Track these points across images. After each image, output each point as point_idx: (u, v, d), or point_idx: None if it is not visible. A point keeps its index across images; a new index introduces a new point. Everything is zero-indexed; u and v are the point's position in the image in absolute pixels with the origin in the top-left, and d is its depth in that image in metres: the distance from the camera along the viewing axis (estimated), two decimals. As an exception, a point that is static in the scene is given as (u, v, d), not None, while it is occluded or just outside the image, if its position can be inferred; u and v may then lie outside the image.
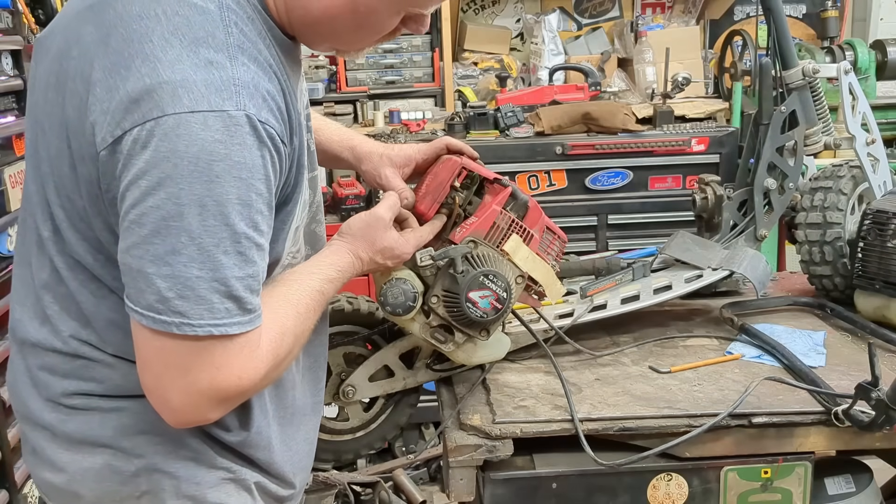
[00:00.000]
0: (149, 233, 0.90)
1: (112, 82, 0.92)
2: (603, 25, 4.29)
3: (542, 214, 1.43)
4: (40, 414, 1.09)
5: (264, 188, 0.95)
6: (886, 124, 3.40)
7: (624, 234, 3.26)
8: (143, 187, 0.90)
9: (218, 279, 0.92)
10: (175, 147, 0.88)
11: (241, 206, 0.92)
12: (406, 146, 1.43)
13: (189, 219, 0.89)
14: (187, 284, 0.90)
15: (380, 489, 2.60)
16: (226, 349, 0.94)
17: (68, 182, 1.00)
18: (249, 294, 0.95)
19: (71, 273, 1.04)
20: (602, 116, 3.16)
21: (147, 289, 0.91)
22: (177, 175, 0.89)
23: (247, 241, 0.93)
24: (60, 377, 1.07)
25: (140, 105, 0.90)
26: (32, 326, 1.08)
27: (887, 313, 1.68)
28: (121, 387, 1.06)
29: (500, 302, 1.33)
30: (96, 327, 1.04)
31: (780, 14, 1.75)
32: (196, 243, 0.90)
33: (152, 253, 0.90)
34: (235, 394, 0.98)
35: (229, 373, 0.96)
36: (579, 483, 1.37)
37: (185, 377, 0.94)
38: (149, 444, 1.06)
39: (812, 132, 1.80)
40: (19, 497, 2.22)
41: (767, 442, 1.38)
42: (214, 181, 0.90)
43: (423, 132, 3.31)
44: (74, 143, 0.97)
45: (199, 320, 0.92)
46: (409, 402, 1.67)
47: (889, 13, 4.15)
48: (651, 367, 1.55)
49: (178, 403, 0.96)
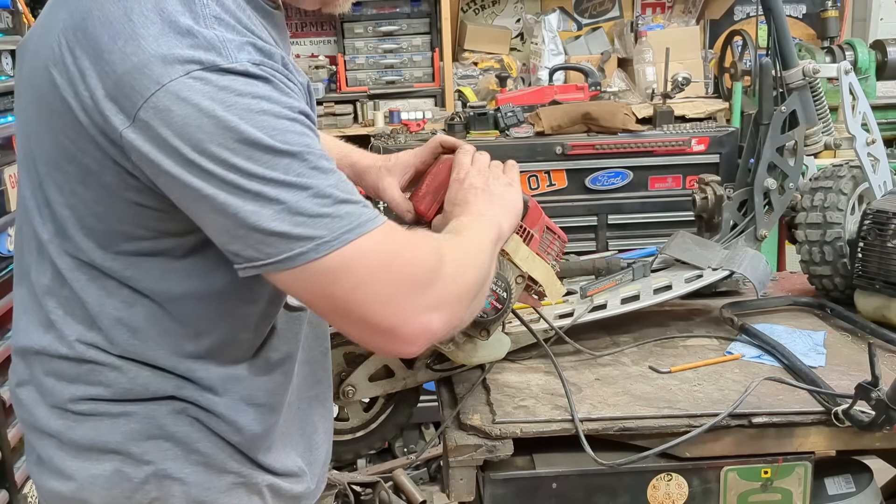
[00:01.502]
0: (222, 200, 0.88)
1: (101, 68, 0.89)
2: (603, 25, 4.29)
3: (542, 214, 1.43)
4: (47, 421, 1.07)
5: (291, 111, 0.92)
6: (886, 124, 3.40)
7: (624, 234, 3.25)
8: (182, 162, 0.88)
9: (315, 195, 0.89)
10: (186, 113, 0.86)
11: (279, 131, 0.89)
12: (403, 154, 1.43)
13: (245, 166, 0.87)
14: (293, 213, 0.88)
15: (380, 489, 2.60)
16: (377, 244, 0.92)
17: (71, 178, 0.98)
18: (355, 195, 0.93)
19: (75, 273, 1.02)
20: (602, 116, 3.16)
21: (263, 238, 0.89)
22: (204, 136, 0.87)
23: (310, 155, 0.90)
24: (67, 383, 1.05)
25: (135, 84, 0.87)
26: (36, 334, 1.06)
27: (887, 313, 1.68)
28: (129, 391, 1.04)
29: (500, 302, 1.33)
30: (102, 327, 1.02)
31: (780, 14, 1.75)
32: (268, 182, 0.87)
33: (240, 208, 0.87)
34: (426, 274, 0.95)
35: (403, 261, 0.93)
36: (579, 483, 1.37)
37: (367, 292, 0.91)
38: (158, 449, 1.04)
39: (812, 132, 1.80)
40: (19, 497, 2.23)
41: (767, 442, 1.38)
42: (244, 121, 0.87)
43: (423, 132, 3.30)
44: (73, 136, 0.94)
45: (330, 232, 0.89)
46: (409, 402, 1.67)
47: (889, 13, 4.14)
48: (651, 367, 1.55)
49: (389, 321, 0.92)
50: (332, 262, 0.90)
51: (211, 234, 0.93)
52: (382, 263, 0.92)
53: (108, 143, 0.91)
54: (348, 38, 4.04)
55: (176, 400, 1.04)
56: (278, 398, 1.13)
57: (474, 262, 1.06)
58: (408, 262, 0.95)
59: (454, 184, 1.26)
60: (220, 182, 0.88)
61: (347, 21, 4.02)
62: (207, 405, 1.05)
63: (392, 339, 0.95)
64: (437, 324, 0.95)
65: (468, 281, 1.03)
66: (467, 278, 1.02)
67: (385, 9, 4.04)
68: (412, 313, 0.94)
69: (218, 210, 0.89)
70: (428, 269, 0.96)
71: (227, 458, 1.08)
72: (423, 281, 0.95)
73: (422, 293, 0.95)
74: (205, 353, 1.04)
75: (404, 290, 0.93)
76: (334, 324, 0.96)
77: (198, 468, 1.06)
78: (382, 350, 0.96)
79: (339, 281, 0.91)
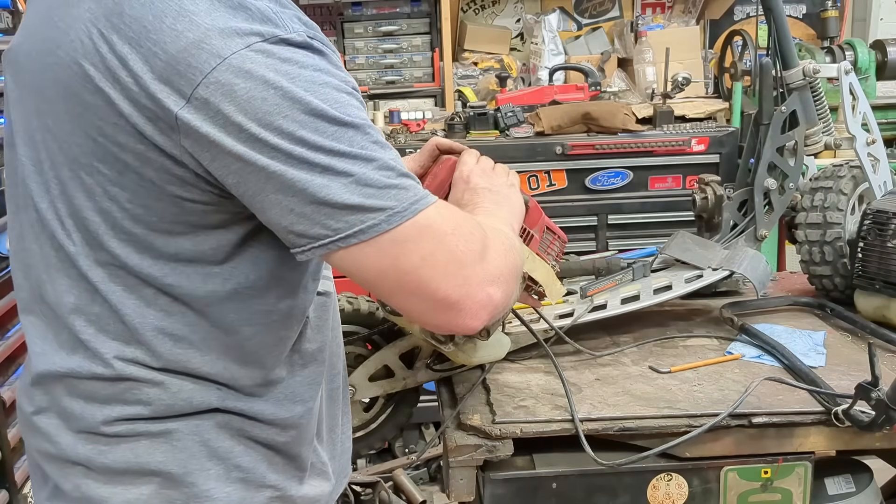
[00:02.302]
0: (291, 177, 0.86)
1: (147, 49, 0.85)
2: (603, 25, 4.28)
3: (542, 214, 1.43)
4: (72, 449, 1.00)
5: (347, 84, 0.91)
6: (886, 124, 3.39)
7: (624, 234, 3.25)
8: (247, 139, 0.85)
9: (380, 167, 0.88)
10: (251, 86, 0.84)
11: (341, 104, 0.88)
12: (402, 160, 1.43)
13: (312, 139, 0.85)
14: (362, 185, 0.87)
15: (380, 489, 2.60)
16: (441, 215, 0.92)
17: (105, 179, 0.92)
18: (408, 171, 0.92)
19: (110, 285, 0.96)
20: (602, 116, 3.16)
21: (333, 213, 0.87)
22: (271, 110, 0.84)
23: (370, 129, 0.90)
24: (99, 404, 0.99)
25: (192, 61, 0.84)
26: (59, 357, 1.00)
27: (887, 313, 1.68)
28: (170, 406, 0.99)
29: (500, 302, 1.33)
30: (143, 340, 0.97)
31: (780, 14, 1.75)
32: (336, 154, 0.86)
33: (309, 182, 0.86)
34: (483, 246, 0.94)
35: (464, 232, 0.93)
36: (579, 483, 1.37)
37: (434, 265, 0.90)
38: (201, 469, 1.00)
39: (812, 132, 1.80)
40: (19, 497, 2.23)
41: (767, 442, 1.38)
42: (309, 93, 0.85)
43: (423, 132, 3.30)
44: (109, 131, 0.89)
45: (399, 202, 0.88)
46: (409, 402, 1.67)
47: (889, 13, 4.14)
48: (651, 367, 1.55)
49: (456, 294, 0.90)
50: (404, 232, 0.88)
51: (273, 218, 0.90)
52: (448, 234, 0.91)
53: (156, 130, 0.87)
54: (348, 38, 4.03)
55: (220, 412, 1.01)
56: (315, 390, 1.11)
57: (515, 247, 1.05)
58: (468, 234, 0.94)
59: (459, 182, 1.26)
60: (287, 157, 0.85)
61: (347, 21, 4.03)
62: (252, 412, 1.03)
63: (458, 314, 0.92)
64: (498, 296, 0.94)
65: (514, 259, 1.01)
66: (514, 257, 1.01)
67: (385, 9, 4.04)
68: (477, 285, 0.92)
69: (285, 187, 0.86)
70: (483, 241, 0.95)
71: (266, 470, 1.05)
72: (481, 252, 0.94)
73: (483, 265, 0.93)
74: (248, 355, 1.01)
75: (469, 260, 0.92)
76: (398, 302, 0.94)
77: (237, 486, 1.03)
78: (446, 326, 0.93)
79: (409, 253, 0.89)
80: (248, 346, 1.01)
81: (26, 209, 1.01)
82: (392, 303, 0.95)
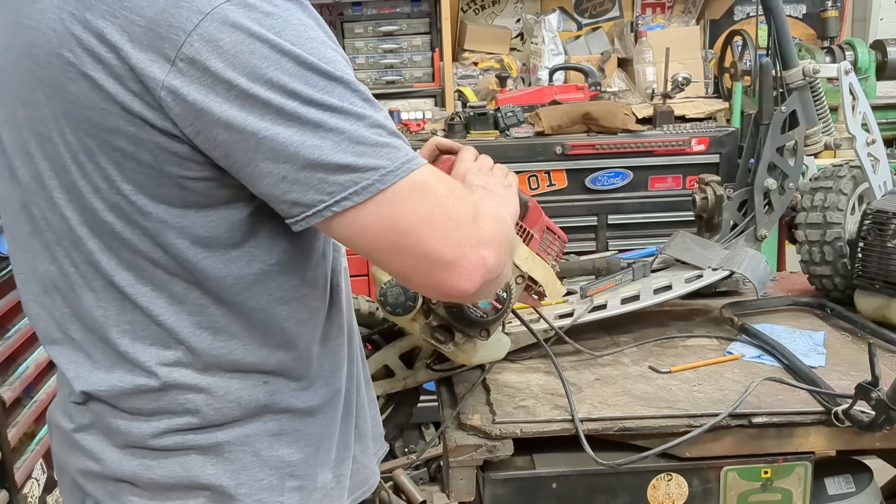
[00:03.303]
0: (283, 140, 0.83)
1: (123, 18, 0.82)
2: (603, 25, 4.28)
3: (542, 214, 1.43)
4: (118, 465, 0.98)
5: (333, 42, 0.89)
6: (886, 124, 3.39)
7: (624, 234, 3.25)
8: (236, 98, 0.82)
9: (372, 125, 0.86)
10: (238, 39, 0.81)
11: (330, 60, 0.86)
12: None
13: (303, 91, 0.83)
14: (354, 142, 0.84)
15: (380, 489, 2.60)
16: (434, 175, 0.90)
17: (109, 173, 0.89)
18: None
19: (138, 287, 0.93)
20: (602, 116, 3.16)
21: (327, 176, 0.84)
22: (260, 62, 0.82)
23: (359, 86, 0.88)
24: (146, 418, 0.96)
25: (172, 21, 0.81)
26: (96, 377, 0.97)
27: (887, 313, 1.68)
28: (219, 411, 0.97)
29: (499, 302, 1.33)
30: (182, 338, 0.95)
31: (780, 14, 1.75)
32: (327, 109, 0.84)
33: (301, 144, 0.83)
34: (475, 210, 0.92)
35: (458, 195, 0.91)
36: (579, 483, 1.37)
37: (432, 225, 0.88)
38: (253, 480, 0.98)
39: (812, 132, 1.80)
40: (19, 497, 2.22)
41: (767, 442, 1.38)
42: (296, 46, 0.83)
43: (423, 132, 3.30)
44: (100, 118, 0.86)
45: (392, 161, 0.86)
46: (409, 402, 1.67)
47: (889, 13, 4.14)
48: (651, 367, 1.55)
49: (452, 254, 0.89)
50: (399, 191, 0.86)
51: (264, 189, 0.87)
52: (444, 196, 0.90)
53: (144, 105, 0.84)
54: (348, 38, 4.03)
55: (269, 414, 0.99)
56: (353, 362, 1.10)
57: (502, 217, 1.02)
58: (462, 197, 0.93)
59: (455, 179, 1.26)
60: (278, 113, 0.82)
61: (347, 21, 4.02)
62: (299, 403, 1.01)
63: (453, 274, 0.90)
64: (491, 259, 0.92)
65: (506, 230, 0.99)
66: (505, 227, 0.99)
67: (385, 9, 4.04)
68: (471, 247, 0.90)
69: (276, 153, 0.84)
70: (475, 207, 0.94)
71: (315, 465, 1.03)
72: (474, 216, 0.92)
73: (476, 227, 0.92)
74: (287, 334, 0.99)
75: (464, 222, 0.91)
76: (394, 264, 0.91)
77: (293, 494, 1.01)
78: (441, 287, 0.91)
79: (407, 214, 0.87)
80: (286, 325, 0.99)
81: (36, 234, 0.97)
82: (387, 266, 0.93)
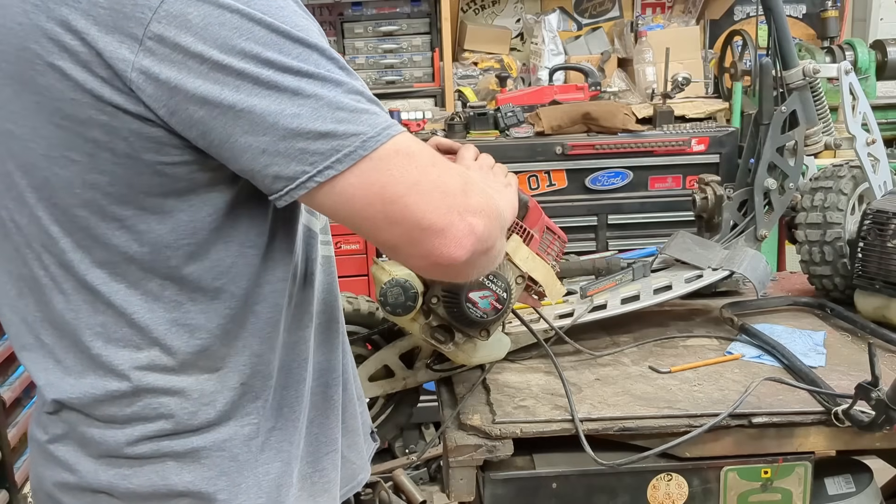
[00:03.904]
0: (260, 111, 0.82)
1: (86, 3, 0.81)
2: (603, 25, 4.28)
3: (542, 214, 1.43)
4: (94, 476, 0.96)
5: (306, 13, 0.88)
6: (886, 124, 3.40)
7: (624, 234, 3.26)
8: (209, 71, 0.80)
9: (350, 91, 0.85)
10: (206, 11, 0.80)
11: (302, 27, 0.85)
12: None
13: (278, 59, 0.82)
14: (333, 108, 0.83)
15: (380, 489, 2.60)
16: (418, 145, 0.89)
17: (82, 167, 0.87)
18: None
19: (112, 284, 0.92)
20: (602, 116, 3.16)
21: (308, 145, 0.83)
22: (231, 33, 0.80)
23: (335, 54, 0.87)
24: (121, 425, 0.95)
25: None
26: (67, 384, 0.95)
27: (887, 313, 1.68)
28: (194, 415, 0.95)
29: (500, 302, 1.33)
30: (156, 337, 0.93)
31: (780, 14, 1.75)
32: (303, 75, 0.83)
33: (279, 113, 0.82)
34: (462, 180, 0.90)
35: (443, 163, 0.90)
36: (579, 483, 1.37)
37: (420, 192, 0.86)
38: (232, 484, 0.97)
39: (812, 132, 1.80)
40: (19, 497, 2.22)
41: (767, 442, 1.38)
42: (267, 14, 0.82)
43: (424, 132, 3.30)
44: (71, 109, 0.84)
45: (372, 127, 0.84)
46: (409, 402, 1.67)
47: (889, 13, 4.14)
48: (651, 367, 1.55)
49: (442, 221, 0.87)
50: (383, 157, 0.85)
51: (245, 165, 0.85)
52: (429, 165, 0.89)
53: (115, 91, 0.82)
54: (348, 38, 4.03)
55: (247, 417, 0.98)
56: (335, 357, 1.10)
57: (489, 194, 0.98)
58: (447, 168, 0.91)
59: None
60: (254, 83, 0.81)
61: (347, 21, 4.03)
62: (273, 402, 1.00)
63: (443, 241, 0.88)
64: (480, 227, 0.90)
65: (495, 203, 0.96)
66: (493, 201, 0.96)
67: (385, 9, 4.04)
68: (459, 214, 0.89)
69: (254, 125, 0.82)
70: (463, 178, 0.92)
71: (293, 465, 1.03)
72: (461, 186, 0.90)
73: (464, 196, 0.90)
74: (267, 328, 0.98)
75: (451, 191, 0.89)
76: (383, 234, 0.89)
77: (272, 495, 1.00)
78: (431, 255, 0.89)
79: (395, 182, 0.86)
80: (264, 314, 0.97)
81: (6, 237, 0.95)
82: (376, 237, 0.91)
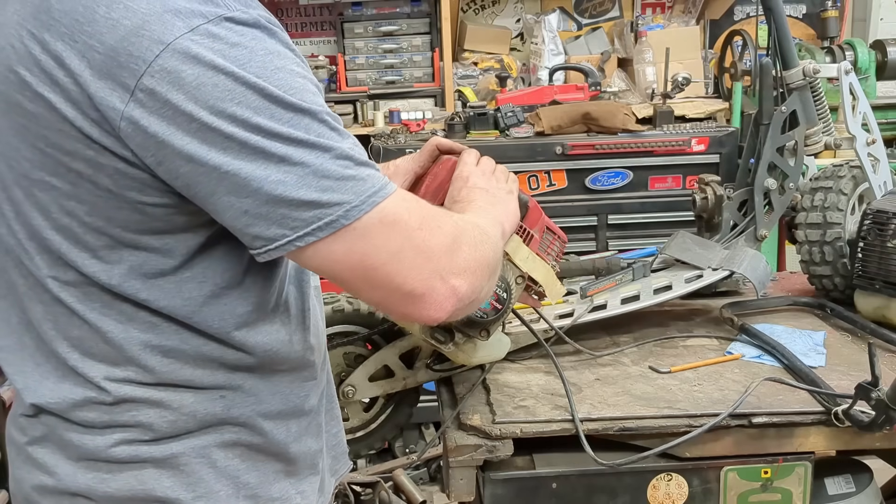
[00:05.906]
0: (245, 175, 0.81)
1: (83, 44, 0.80)
2: (603, 25, 4.28)
3: (542, 214, 1.43)
4: (73, 479, 0.96)
5: (301, 68, 0.87)
6: (886, 124, 3.40)
7: (624, 234, 3.26)
8: (197, 131, 0.80)
9: (338, 156, 0.84)
10: (199, 72, 0.79)
11: (296, 90, 0.84)
12: (402, 160, 1.41)
13: (267, 125, 0.81)
14: (319, 177, 0.83)
15: (380, 489, 2.60)
16: (403, 207, 0.89)
17: (59, 194, 0.87)
18: (368, 158, 0.89)
19: (86, 304, 0.91)
20: (602, 116, 3.16)
21: (290, 212, 0.83)
22: (223, 95, 0.80)
23: (327, 116, 0.86)
24: (98, 431, 0.94)
25: (133, 50, 0.79)
26: (46, 388, 0.95)
27: (887, 313, 1.68)
28: (173, 424, 0.95)
29: (500, 302, 1.33)
30: (132, 357, 0.93)
31: (780, 14, 1.75)
32: (292, 142, 0.82)
33: (264, 179, 0.81)
34: (451, 239, 0.92)
35: (430, 225, 0.90)
36: (579, 483, 1.37)
37: (401, 260, 0.87)
38: (210, 492, 0.97)
39: (812, 132, 1.80)
40: (19, 497, 2.22)
41: (767, 442, 1.38)
42: (261, 79, 0.81)
43: (423, 132, 3.30)
44: (55, 139, 0.84)
45: (356, 196, 0.84)
46: (409, 402, 1.67)
47: (889, 13, 4.14)
48: (651, 367, 1.55)
49: (422, 287, 0.88)
50: (366, 226, 0.85)
51: (226, 219, 0.86)
52: (415, 229, 0.89)
53: (103, 133, 0.82)
54: (348, 38, 4.04)
55: (227, 426, 0.98)
56: (322, 382, 1.10)
57: (489, 241, 1.02)
58: (436, 228, 0.91)
59: (457, 181, 1.24)
60: (241, 148, 0.81)
61: (347, 21, 4.03)
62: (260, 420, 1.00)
63: (423, 306, 0.90)
64: (464, 289, 0.92)
65: (487, 254, 0.98)
66: (486, 251, 0.98)
67: (385, 9, 4.04)
68: (441, 279, 0.90)
69: (238, 188, 0.82)
70: (452, 234, 0.93)
71: (272, 479, 1.02)
72: (449, 246, 0.91)
73: (450, 257, 0.91)
74: (248, 358, 0.98)
75: (436, 254, 0.90)
76: (364, 294, 0.92)
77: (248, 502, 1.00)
78: (410, 317, 0.92)
79: (378, 250, 0.86)
80: (245, 347, 0.97)
81: None
82: (358, 295, 0.93)
